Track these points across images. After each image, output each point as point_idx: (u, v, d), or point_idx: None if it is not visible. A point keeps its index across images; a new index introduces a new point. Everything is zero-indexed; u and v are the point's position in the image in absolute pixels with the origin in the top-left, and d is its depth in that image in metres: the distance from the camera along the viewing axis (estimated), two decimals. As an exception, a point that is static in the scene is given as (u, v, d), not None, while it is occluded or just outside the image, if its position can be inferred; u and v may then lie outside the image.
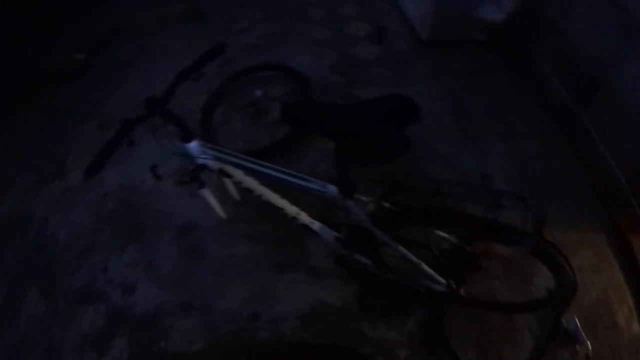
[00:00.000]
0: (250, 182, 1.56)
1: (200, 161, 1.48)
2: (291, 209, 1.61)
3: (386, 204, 1.38)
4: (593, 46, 2.30)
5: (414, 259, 1.55)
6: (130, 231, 2.35)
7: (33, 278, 2.26)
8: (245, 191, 1.60)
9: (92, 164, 1.18)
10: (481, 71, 3.00)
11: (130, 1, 4.32)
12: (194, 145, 1.44)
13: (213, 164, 1.50)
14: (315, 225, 1.63)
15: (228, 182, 1.82)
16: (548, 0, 2.66)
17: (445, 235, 1.50)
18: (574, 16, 2.42)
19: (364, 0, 3.84)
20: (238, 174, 1.53)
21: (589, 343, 1.76)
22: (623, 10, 2.03)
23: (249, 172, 1.47)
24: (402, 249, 1.50)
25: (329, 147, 1.30)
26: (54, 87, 3.39)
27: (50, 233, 2.42)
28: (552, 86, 2.64)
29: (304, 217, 1.62)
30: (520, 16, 2.94)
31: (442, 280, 1.63)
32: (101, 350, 1.95)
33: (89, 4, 4.27)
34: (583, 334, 1.77)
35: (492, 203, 1.28)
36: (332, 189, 1.35)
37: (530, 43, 2.87)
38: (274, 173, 1.37)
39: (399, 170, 1.31)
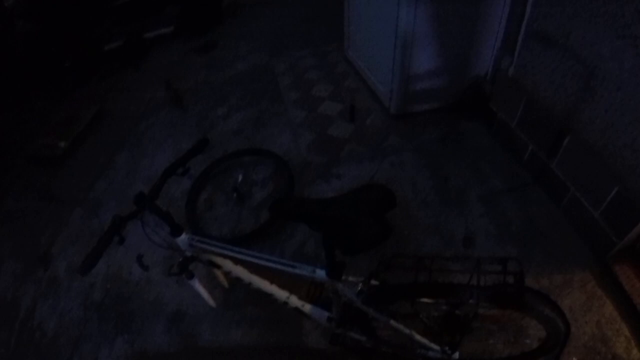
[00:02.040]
0: (239, 271, 1.59)
1: (189, 254, 1.53)
2: (280, 294, 1.63)
3: (374, 282, 1.43)
4: (553, 97, 2.45)
5: (406, 330, 1.57)
6: (120, 321, 2.33)
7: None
8: (235, 279, 1.63)
9: (85, 261, 1.21)
10: (453, 136, 3.16)
11: (113, 87, 4.55)
12: (183, 239, 1.48)
13: (202, 256, 1.54)
14: (306, 307, 1.65)
15: (217, 271, 1.85)
16: (506, 59, 2.86)
17: (434, 302, 1.53)
18: (532, 71, 2.59)
19: (335, 81, 4.06)
20: (227, 264, 1.56)
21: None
22: (579, 60, 2.19)
23: (237, 261, 1.51)
24: (393, 322, 1.53)
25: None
26: (38, 172, 3.49)
27: (37, 324, 2.38)
28: (520, 141, 2.78)
29: (294, 301, 1.64)
30: (480, 79, 3.16)
31: (437, 347, 1.64)
32: None
33: (74, 90, 4.53)
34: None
35: (473, 269, 1.35)
36: (321, 272, 1.39)
37: (494, 103, 3.06)
38: (262, 262, 1.41)
39: (386, 249, 1.37)
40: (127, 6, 5.08)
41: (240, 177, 2.96)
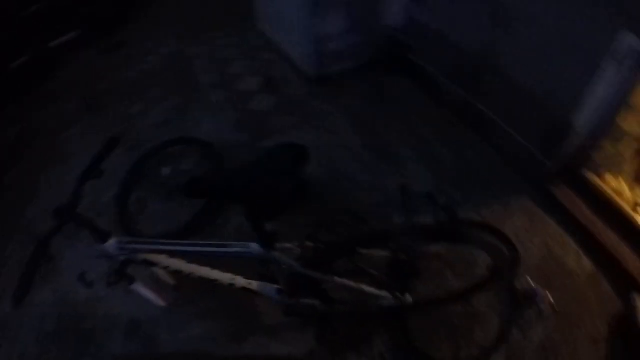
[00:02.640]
0: (177, 264, 1.55)
1: (123, 258, 1.47)
2: (224, 277, 1.61)
3: (310, 244, 1.43)
4: (468, 37, 2.54)
5: (354, 285, 1.60)
6: (79, 345, 2.23)
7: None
8: (176, 273, 1.59)
9: (17, 290, 1.16)
10: (377, 92, 3.20)
11: (29, 104, 4.22)
12: (111, 244, 1.42)
13: (137, 257, 1.49)
14: (254, 285, 1.64)
15: (159, 270, 1.80)
16: (416, 7, 2.90)
17: (374, 251, 1.56)
18: (443, 15, 2.67)
19: (251, 55, 3.98)
20: (162, 259, 1.52)
21: (549, 295, 1.82)
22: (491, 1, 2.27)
23: (171, 254, 1.47)
24: (339, 280, 1.55)
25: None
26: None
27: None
28: (443, 85, 2.87)
29: (240, 281, 1.62)
30: (394, 31, 3.19)
31: (388, 295, 1.67)
32: None
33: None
34: (541, 290, 1.83)
35: (406, 211, 1.38)
36: (254, 246, 1.38)
37: (414, 54, 3.10)
38: (194, 249, 1.38)
39: (320, 209, 1.37)
40: (31, 18, 4.70)
41: (167, 171, 2.87)
